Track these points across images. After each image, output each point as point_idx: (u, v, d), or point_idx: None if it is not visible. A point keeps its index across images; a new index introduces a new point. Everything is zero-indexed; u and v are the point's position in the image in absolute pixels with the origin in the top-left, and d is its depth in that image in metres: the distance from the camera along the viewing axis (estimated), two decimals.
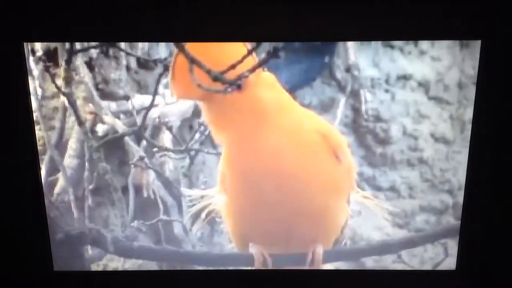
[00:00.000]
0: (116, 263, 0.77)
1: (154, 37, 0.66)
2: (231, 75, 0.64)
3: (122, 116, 0.70)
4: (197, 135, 0.71)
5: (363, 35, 0.65)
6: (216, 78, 0.66)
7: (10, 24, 0.64)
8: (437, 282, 0.77)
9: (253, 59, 0.65)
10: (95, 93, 0.69)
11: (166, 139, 0.71)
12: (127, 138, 0.71)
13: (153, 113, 0.70)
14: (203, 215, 0.73)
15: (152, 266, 0.77)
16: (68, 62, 0.67)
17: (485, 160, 0.70)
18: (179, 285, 0.78)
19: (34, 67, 0.67)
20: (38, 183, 0.71)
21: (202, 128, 0.70)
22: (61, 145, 0.71)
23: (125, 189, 0.73)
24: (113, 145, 0.71)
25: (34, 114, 0.69)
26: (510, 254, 0.74)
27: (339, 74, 0.68)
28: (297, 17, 0.64)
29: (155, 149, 0.71)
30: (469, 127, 0.70)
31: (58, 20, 0.64)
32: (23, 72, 0.67)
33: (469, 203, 0.72)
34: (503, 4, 0.63)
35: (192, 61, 0.64)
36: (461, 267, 0.75)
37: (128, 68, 0.68)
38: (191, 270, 0.76)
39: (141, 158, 0.71)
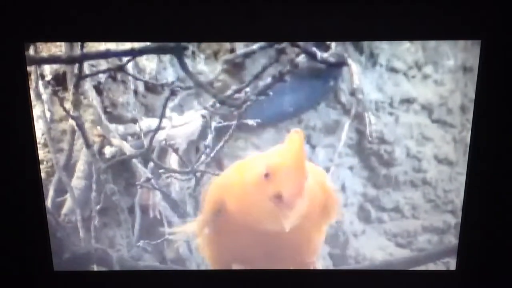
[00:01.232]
0: None
1: (154, 37, 0.66)
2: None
3: (129, 138, 0.71)
4: (203, 157, 0.71)
5: (363, 35, 0.66)
6: (223, 102, 0.67)
7: (10, 24, 0.65)
8: (437, 282, 0.77)
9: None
10: (103, 116, 0.69)
11: (172, 160, 0.72)
12: (134, 160, 0.71)
13: (160, 136, 0.71)
14: None
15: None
16: (77, 86, 0.68)
17: (485, 162, 0.71)
18: (179, 285, 0.78)
19: (43, 91, 0.68)
20: (38, 183, 0.72)
21: (207, 150, 0.71)
22: (69, 167, 0.72)
23: (131, 210, 0.74)
24: (120, 167, 0.72)
25: (43, 137, 0.70)
26: (510, 255, 0.75)
27: (344, 97, 0.69)
28: (297, 17, 0.64)
29: (161, 171, 0.72)
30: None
31: (58, 20, 0.65)
32: (23, 72, 0.67)
33: (470, 203, 0.73)
34: (503, 4, 0.63)
35: None
36: (461, 267, 0.76)
37: (135, 92, 0.69)
38: (191, 270, 0.77)
39: (148, 179, 0.72)
